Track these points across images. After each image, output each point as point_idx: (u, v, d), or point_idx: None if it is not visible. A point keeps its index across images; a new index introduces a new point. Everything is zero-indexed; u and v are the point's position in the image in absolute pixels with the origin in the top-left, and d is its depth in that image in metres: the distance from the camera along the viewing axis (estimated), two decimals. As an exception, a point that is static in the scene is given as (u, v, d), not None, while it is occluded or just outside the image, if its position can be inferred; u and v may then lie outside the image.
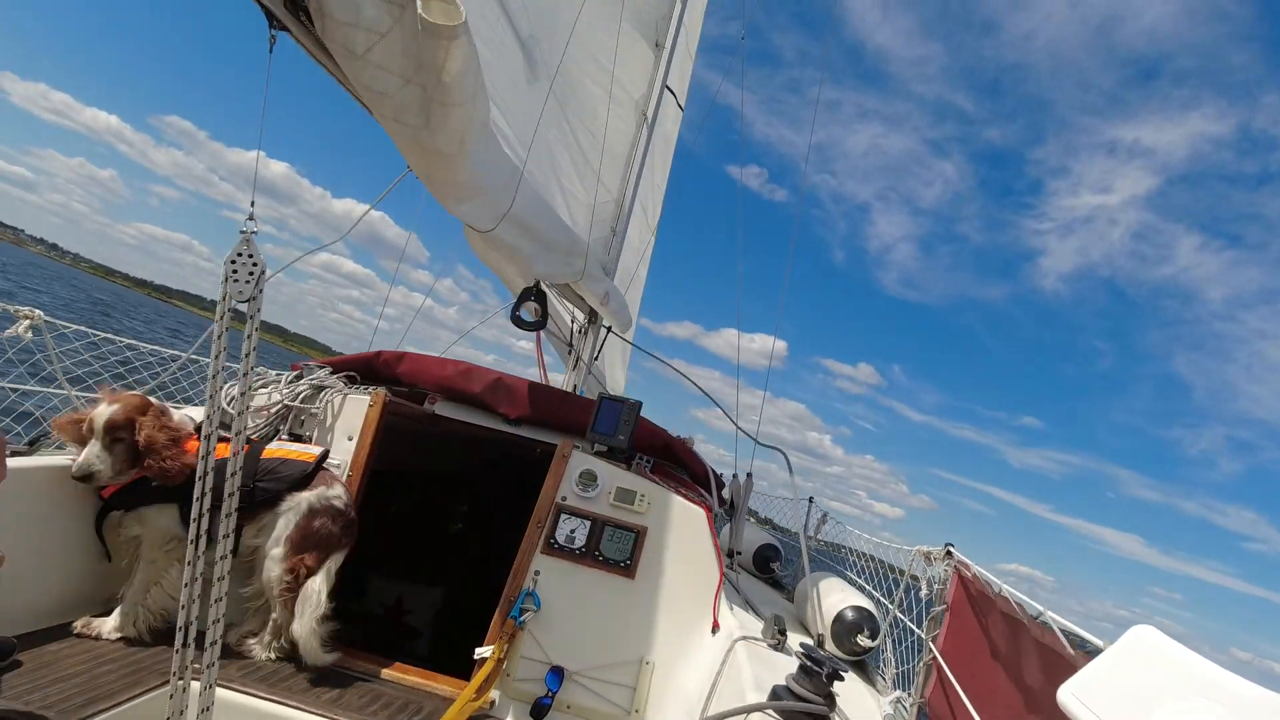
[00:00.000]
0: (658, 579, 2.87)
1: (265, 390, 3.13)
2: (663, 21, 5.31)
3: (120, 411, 2.43)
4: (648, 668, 2.75)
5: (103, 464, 2.38)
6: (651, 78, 5.29)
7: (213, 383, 1.44)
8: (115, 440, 2.42)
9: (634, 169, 5.04)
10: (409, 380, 3.40)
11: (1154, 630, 1.32)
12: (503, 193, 2.64)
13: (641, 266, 6.95)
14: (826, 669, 1.93)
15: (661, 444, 3.40)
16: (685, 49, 6.31)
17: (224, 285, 1.39)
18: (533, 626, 2.79)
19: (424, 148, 1.87)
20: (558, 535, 2.90)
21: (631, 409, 3.11)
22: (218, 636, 1.54)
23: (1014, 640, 2.01)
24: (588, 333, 5.07)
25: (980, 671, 2.16)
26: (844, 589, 3.21)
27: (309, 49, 1.76)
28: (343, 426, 3.05)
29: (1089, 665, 1.36)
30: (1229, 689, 1.11)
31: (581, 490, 2.95)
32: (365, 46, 1.58)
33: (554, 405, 3.31)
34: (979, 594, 2.27)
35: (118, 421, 2.42)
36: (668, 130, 6.69)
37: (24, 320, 2.94)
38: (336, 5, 1.55)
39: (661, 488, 2.98)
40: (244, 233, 1.40)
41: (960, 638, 2.33)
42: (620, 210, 5.00)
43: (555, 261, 3.50)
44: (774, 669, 2.27)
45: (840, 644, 2.92)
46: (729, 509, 4.04)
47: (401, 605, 3.94)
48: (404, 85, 1.65)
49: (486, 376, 3.30)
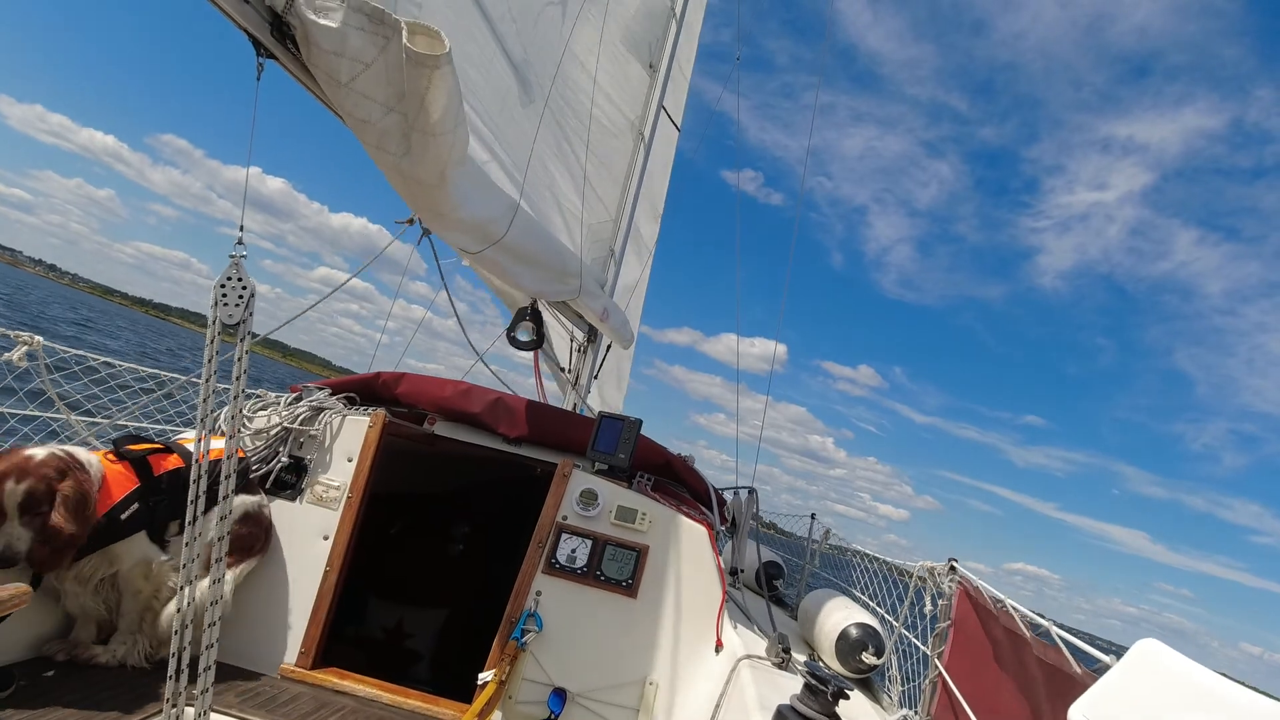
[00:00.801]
0: (660, 598, 2.84)
1: (265, 412, 3.13)
2: (656, 44, 5.37)
3: (37, 481, 2.12)
4: (651, 688, 2.71)
5: (23, 543, 2.08)
6: (646, 99, 5.33)
7: (203, 405, 1.44)
8: (35, 515, 2.11)
9: (631, 189, 5.06)
10: (408, 401, 3.39)
11: (1159, 644, 1.30)
12: (494, 224, 2.65)
13: (641, 284, 6.96)
14: (831, 688, 1.90)
15: (662, 462, 3.38)
16: (680, 70, 6.37)
17: (213, 309, 1.39)
18: (535, 648, 2.76)
19: (405, 176, 1.88)
20: (559, 555, 2.88)
21: (631, 427, 3.10)
22: (211, 662, 1.52)
23: (1019, 657, 1.98)
24: (587, 351, 5.07)
25: (986, 688, 2.12)
26: (848, 606, 3.18)
27: (296, 75, 1.78)
28: (342, 448, 3.04)
29: (1098, 683, 1.34)
30: (1238, 702, 1.09)
31: (582, 509, 2.94)
32: (350, 75, 1.59)
33: (553, 424, 3.30)
34: (983, 609, 2.24)
35: (38, 492, 2.11)
36: (665, 150, 6.74)
37: (21, 346, 2.95)
38: (322, 34, 1.56)
39: (663, 506, 2.96)
40: (233, 257, 1.40)
41: (966, 654, 2.29)
42: (618, 230, 5.02)
43: (549, 280, 3.51)
44: (778, 688, 2.24)
45: (845, 662, 2.89)
46: (731, 526, 4.01)
47: (402, 628, 3.91)
48: (386, 114, 1.66)
49: (485, 396, 3.30)
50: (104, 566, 2.40)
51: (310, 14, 1.56)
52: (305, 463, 3.00)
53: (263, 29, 1.61)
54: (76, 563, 2.31)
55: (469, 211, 2.34)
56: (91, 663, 2.40)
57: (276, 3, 1.60)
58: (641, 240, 6.65)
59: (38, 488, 2.11)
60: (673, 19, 5.46)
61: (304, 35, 1.57)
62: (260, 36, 1.61)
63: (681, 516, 2.95)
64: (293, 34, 1.60)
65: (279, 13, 1.61)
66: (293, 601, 2.81)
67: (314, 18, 1.56)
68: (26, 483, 2.10)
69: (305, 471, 2.97)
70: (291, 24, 1.60)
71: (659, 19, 5.37)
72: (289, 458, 3.02)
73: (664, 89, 5.40)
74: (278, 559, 2.85)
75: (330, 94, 1.65)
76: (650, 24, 5.25)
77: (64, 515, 2.14)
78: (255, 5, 1.60)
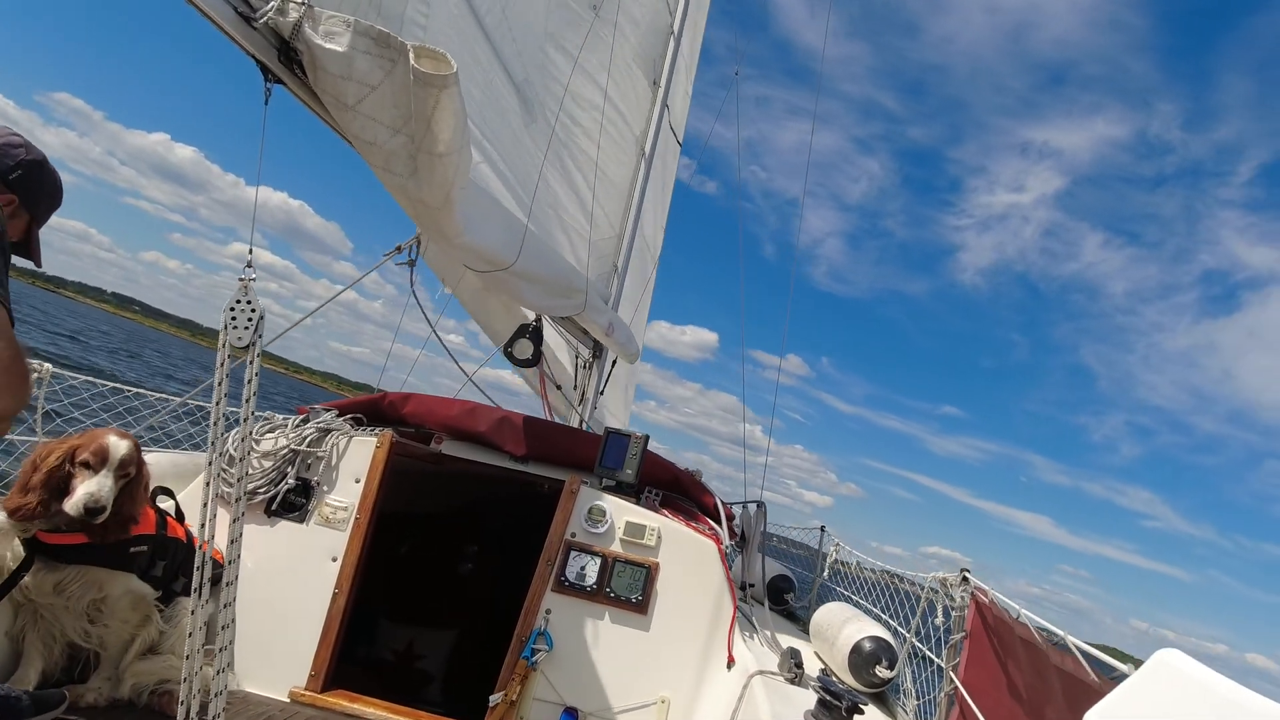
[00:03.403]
0: (671, 615, 2.82)
1: (272, 435, 3.13)
2: (659, 60, 5.42)
3: (134, 449, 2.22)
4: (663, 706, 2.69)
5: (109, 501, 2.12)
6: (649, 114, 5.37)
7: (215, 429, 1.45)
8: (123, 477, 2.19)
9: (634, 204, 5.09)
10: (415, 421, 3.40)
11: (1180, 654, 1.28)
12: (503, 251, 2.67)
13: (645, 298, 6.98)
14: (846, 703, 1.88)
15: (670, 477, 3.37)
16: (682, 87, 6.42)
17: (223, 333, 1.40)
18: (545, 667, 2.74)
19: (410, 198, 1.89)
20: (568, 573, 2.86)
21: (638, 443, 3.09)
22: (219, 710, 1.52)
23: (1035, 667, 1.96)
24: (592, 366, 5.07)
25: (1004, 700, 2.10)
26: (860, 619, 3.15)
27: (303, 99, 1.80)
28: (349, 469, 3.04)
29: (1114, 692, 1.32)
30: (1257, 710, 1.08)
31: (590, 526, 2.92)
32: (357, 98, 1.61)
33: (560, 441, 3.30)
34: (997, 620, 2.22)
35: (132, 458, 2.21)
36: (668, 165, 6.78)
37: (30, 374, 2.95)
38: (329, 59, 1.58)
39: (671, 521, 2.95)
40: (242, 280, 1.42)
41: (981, 666, 2.27)
42: (622, 244, 5.04)
43: (554, 296, 3.52)
44: (792, 704, 2.22)
45: (858, 675, 2.85)
46: (740, 541, 3.98)
47: (413, 649, 3.89)
48: (393, 135, 1.68)
49: (491, 415, 3.30)
50: (93, 589, 2.31)
51: (317, 39, 1.58)
52: (313, 484, 3.00)
53: (270, 55, 1.64)
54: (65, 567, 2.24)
55: (476, 237, 2.35)
56: (80, 703, 2.28)
57: (283, 29, 1.63)
58: (646, 254, 6.67)
59: (133, 454, 2.22)
60: (672, 36, 5.52)
61: (311, 60, 1.59)
62: (268, 62, 1.64)
63: (690, 532, 2.93)
64: (299, 59, 1.62)
65: (286, 39, 1.63)
66: (302, 624, 2.79)
67: (321, 42, 1.58)
68: (128, 445, 2.21)
69: (313, 493, 2.97)
70: (298, 49, 1.62)
71: (661, 35, 5.42)
72: (296, 479, 3.01)
73: (664, 103, 5.44)
74: (287, 581, 2.84)
75: (337, 117, 1.67)
76: (654, 40, 5.31)
77: (132, 495, 2.25)
78: (262, 31, 1.63)
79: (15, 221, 1.76)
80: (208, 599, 1.85)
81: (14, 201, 1.70)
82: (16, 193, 1.71)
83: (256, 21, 1.66)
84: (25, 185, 1.72)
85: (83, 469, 2.14)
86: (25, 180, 1.72)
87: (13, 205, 1.70)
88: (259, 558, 2.80)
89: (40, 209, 1.81)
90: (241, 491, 1.58)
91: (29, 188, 1.74)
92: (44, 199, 1.82)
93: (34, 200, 1.77)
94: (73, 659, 2.43)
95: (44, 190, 1.81)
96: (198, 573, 1.61)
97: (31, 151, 1.75)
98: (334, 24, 1.62)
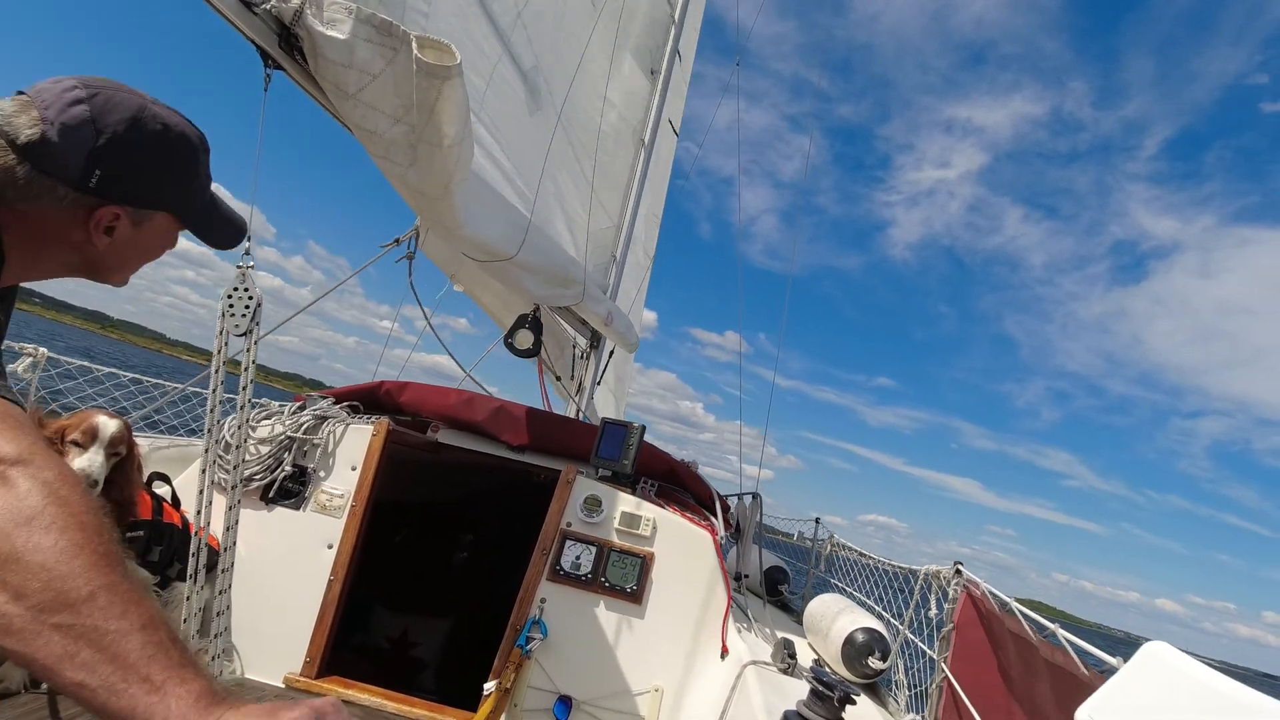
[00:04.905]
0: (665, 604, 2.83)
1: (269, 422, 3.13)
2: (658, 50, 5.39)
3: (124, 428, 2.16)
4: (656, 695, 2.71)
5: (100, 478, 2.08)
6: (647, 104, 5.35)
7: (211, 416, 1.45)
8: (113, 455, 2.15)
9: (633, 194, 5.08)
10: (411, 409, 3.40)
11: (1168, 647, 1.30)
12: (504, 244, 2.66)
13: (642, 288, 6.98)
14: (838, 693, 1.90)
15: (666, 468, 3.38)
16: (680, 76, 6.40)
17: (221, 320, 1.39)
18: (540, 656, 2.76)
19: (410, 188, 1.88)
20: (563, 562, 2.87)
21: (634, 433, 3.10)
22: None
23: (1024, 659, 1.98)
24: (590, 356, 5.07)
25: (993, 691, 2.12)
26: (853, 610, 3.17)
27: (303, 86, 1.79)
28: (345, 456, 3.04)
29: (1105, 685, 1.34)
30: (1246, 703, 1.09)
31: (586, 516, 2.94)
32: (357, 86, 1.60)
33: (557, 431, 3.30)
34: (988, 613, 2.24)
35: (122, 437, 2.15)
36: (665, 155, 6.76)
37: (26, 358, 2.95)
38: (330, 46, 1.57)
39: (667, 512, 2.96)
40: (240, 267, 1.41)
41: (971, 658, 2.29)
42: (620, 234, 5.03)
43: (553, 286, 3.52)
44: (784, 694, 2.23)
45: (851, 666, 2.88)
46: (735, 532, 4.00)
47: (408, 637, 3.90)
48: (393, 124, 1.67)
49: (489, 404, 3.31)
50: None
51: (318, 26, 1.57)
52: (309, 471, 3.00)
53: (270, 40, 1.62)
54: None
55: (477, 229, 2.34)
56: None
57: (284, 14, 1.61)
58: (643, 244, 6.67)
59: (123, 434, 2.16)
60: (673, 25, 5.49)
61: (311, 47, 1.58)
62: (268, 48, 1.62)
63: (686, 522, 2.95)
64: (300, 45, 1.61)
65: (287, 24, 1.62)
66: (297, 610, 2.80)
67: (322, 29, 1.57)
68: (117, 424, 2.16)
69: (309, 480, 2.97)
70: (299, 35, 1.61)
71: (660, 25, 5.39)
72: (293, 466, 3.02)
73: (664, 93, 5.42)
74: (282, 568, 2.85)
75: (338, 105, 1.66)
76: (653, 30, 5.28)
77: (127, 477, 2.20)
78: (263, 17, 1.62)
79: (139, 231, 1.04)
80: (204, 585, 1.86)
81: (119, 215, 1.00)
82: (109, 198, 0.98)
83: (258, 7, 1.65)
84: (121, 185, 0.98)
85: (72, 447, 2.12)
86: (116, 178, 0.97)
87: (118, 219, 1.00)
88: (254, 544, 2.80)
89: (165, 197, 1.05)
90: (238, 478, 1.58)
91: (130, 180, 0.99)
92: (168, 185, 1.05)
93: (148, 195, 1.03)
94: None
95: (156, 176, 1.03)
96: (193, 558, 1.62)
97: (108, 122, 0.95)
98: (336, 10, 1.60)
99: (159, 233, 1.08)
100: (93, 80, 0.96)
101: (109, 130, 0.94)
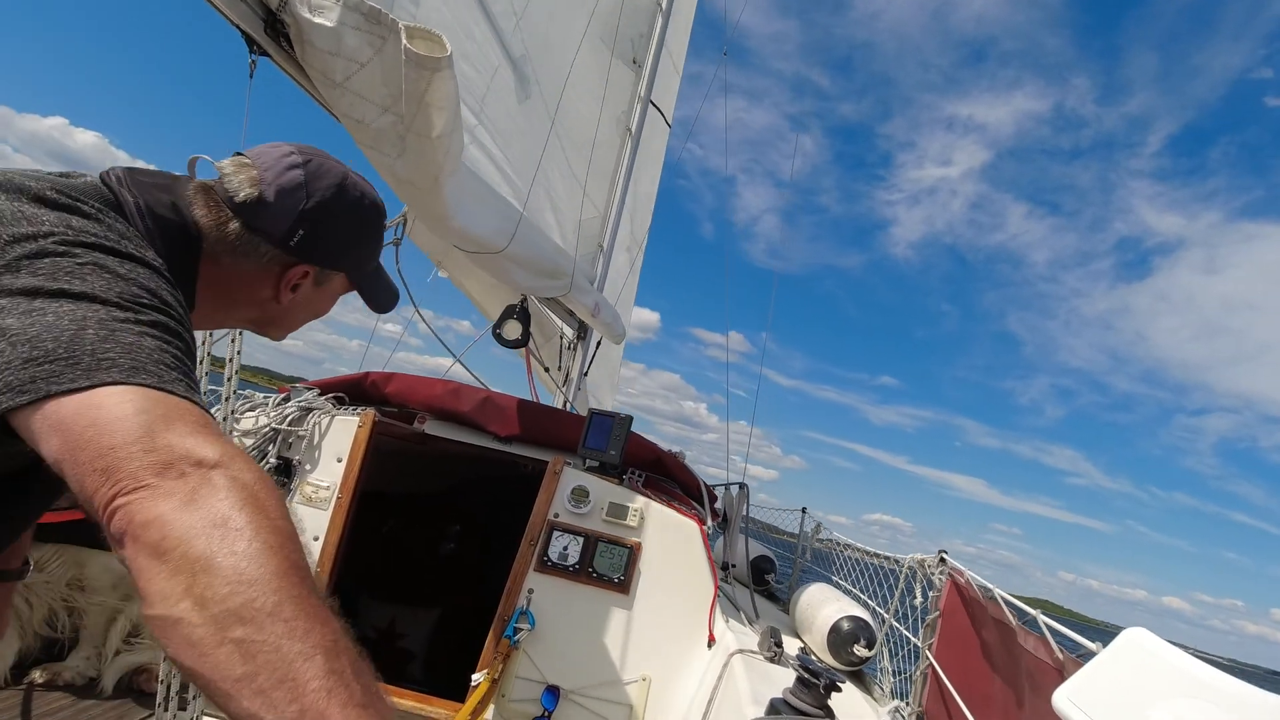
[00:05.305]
0: (652, 594, 2.85)
1: (253, 413, 3.10)
2: (640, 39, 5.36)
3: None
4: (644, 684, 2.73)
5: None
6: (632, 94, 5.33)
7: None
8: None
9: (619, 185, 5.06)
10: (397, 400, 3.38)
11: (1147, 633, 1.32)
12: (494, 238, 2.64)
13: (631, 279, 6.97)
14: (824, 680, 1.92)
15: (653, 458, 3.39)
16: (672, 65, 6.36)
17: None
18: (527, 646, 2.77)
19: (399, 178, 1.87)
20: (550, 553, 2.88)
21: (622, 424, 3.10)
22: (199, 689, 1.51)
23: (1007, 646, 2.01)
24: (577, 347, 5.07)
25: (976, 677, 2.16)
26: (839, 599, 3.20)
27: (290, 73, 1.76)
28: (331, 448, 3.02)
29: (1083, 669, 1.37)
30: (1223, 690, 1.12)
31: (574, 506, 2.94)
32: (344, 75, 1.58)
33: (544, 422, 3.30)
34: (973, 600, 2.27)
35: None
36: (655, 146, 6.74)
37: None
38: (317, 33, 1.55)
39: (654, 502, 2.97)
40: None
41: (956, 645, 2.33)
42: (607, 225, 5.02)
43: (541, 277, 3.51)
44: (771, 682, 2.26)
45: (837, 654, 2.91)
46: (722, 522, 4.03)
47: (395, 628, 3.90)
48: (381, 114, 1.65)
49: (475, 395, 3.30)
50: (72, 567, 2.32)
51: (305, 12, 1.55)
52: (294, 463, 2.98)
53: (256, 26, 1.60)
54: (44, 545, 2.23)
55: (466, 222, 2.32)
56: (58, 681, 2.28)
57: (270, 0, 1.59)
58: (631, 235, 6.65)
59: None
60: (659, 12, 5.46)
61: (298, 33, 1.56)
62: (253, 33, 1.60)
63: (673, 512, 2.96)
64: (286, 32, 1.59)
65: (273, 10, 1.60)
66: None
67: (309, 16, 1.55)
68: None
69: (294, 472, 2.95)
70: (285, 21, 1.59)
71: (646, 13, 5.36)
72: (278, 458, 3.00)
73: (650, 82, 5.40)
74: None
75: (325, 93, 1.64)
76: (640, 18, 5.25)
77: None
78: (249, 2, 1.59)
79: (317, 290, 1.12)
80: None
81: (308, 274, 1.07)
82: (303, 258, 1.05)
83: (242, -8, 1.63)
84: (317, 246, 1.05)
85: None
86: (315, 239, 1.04)
87: (308, 278, 1.08)
88: None
89: (348, 259, 1.13)
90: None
91: (326, 242, 1.07)
92: (354, 249, 1.13)
93: (336, 257, 1.10)
94: (52, 638, 2.41)
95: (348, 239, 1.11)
96: None
97: (317, 186, 1.03)
98: (322, -4, 1.58)
99: (332, 294, 1.16)
100: (306, 148, 1.06)
101: (317, 194, 1.02)
